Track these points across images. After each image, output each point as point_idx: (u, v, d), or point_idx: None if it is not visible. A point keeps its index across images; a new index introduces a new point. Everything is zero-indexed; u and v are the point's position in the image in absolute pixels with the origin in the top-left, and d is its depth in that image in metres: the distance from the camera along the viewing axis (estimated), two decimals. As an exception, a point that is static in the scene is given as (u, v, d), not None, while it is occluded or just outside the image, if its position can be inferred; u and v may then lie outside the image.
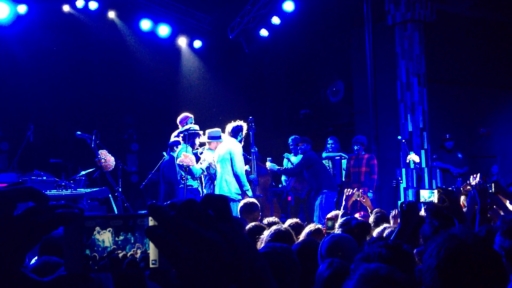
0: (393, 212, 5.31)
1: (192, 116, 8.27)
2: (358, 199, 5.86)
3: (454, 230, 1.85)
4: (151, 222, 0.84)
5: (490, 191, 4.17)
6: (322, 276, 2.65)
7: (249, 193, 7.61)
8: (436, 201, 3.41)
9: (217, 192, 7.48)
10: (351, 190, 5.87)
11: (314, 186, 8.79)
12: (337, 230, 4.09)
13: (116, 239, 0.87)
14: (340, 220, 4.31)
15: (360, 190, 5.88)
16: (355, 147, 9.09)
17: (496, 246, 2.77)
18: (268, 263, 2.42)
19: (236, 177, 7.54)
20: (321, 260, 3.12)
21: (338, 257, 2.92)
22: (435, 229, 3.34)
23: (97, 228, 0.88)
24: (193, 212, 0.81)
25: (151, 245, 0.85)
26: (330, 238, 3.19)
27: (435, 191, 3.46)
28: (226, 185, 7.52)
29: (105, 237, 0.87)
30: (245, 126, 7.97)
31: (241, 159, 7.66)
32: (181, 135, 7.99)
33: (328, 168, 9.51)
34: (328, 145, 9.90)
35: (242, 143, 7.95)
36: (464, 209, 3.89)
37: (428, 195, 3.55)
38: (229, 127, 7.90)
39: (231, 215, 0.85)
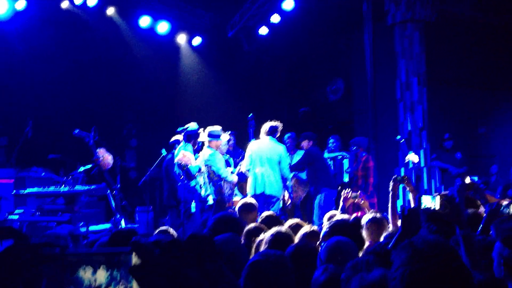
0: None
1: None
2: (356, 201, 5.87)
3: (416, 239, 1.83)
4: (135, 258, 0.83)
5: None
6: (318, 282, 2.65)
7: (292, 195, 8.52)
8: (437, 207, 3.40)
9: (267, 189, 7.86)
10: (348, 192, 5.87)
11: (313, 184, 8.83)
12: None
13: (101, 276, 0.86)
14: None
15: (358, 192, 5.89)
16: (353, 148, 9.09)
17: (494, 252, 2.77)
18: (262, 272, 2.41)
19: (284, 179, 8.19)
20: (320, 264, 3.13)
21: (338, 261, 2.92)
22: (432, 233, 3.34)
23: (80, 267, 0.87)
24: (178, 252, 0.81)
25: (135, 283, 0.84)
26: (328, 243, 3.18)
27: (437, 197, 3.45)
28: (276, 185, 8.07)
29: (89, 274, 0.86)
30: (280, 125, 8.14)
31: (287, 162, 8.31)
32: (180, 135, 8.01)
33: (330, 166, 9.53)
34: (330, 145, 9.89)
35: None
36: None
37: (430, 201, 3.54)
38: (266, 126, 8.22)
39: (216, 255, 0.85)
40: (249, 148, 8.30)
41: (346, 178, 9.56)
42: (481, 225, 3.85)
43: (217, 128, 8.23)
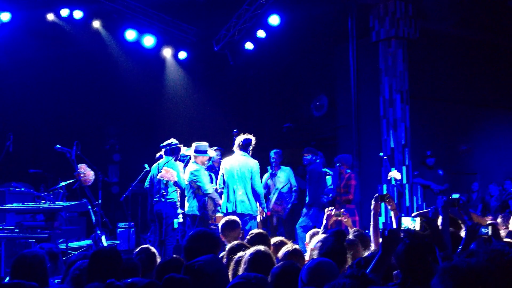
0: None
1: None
2: (339, 218, 5.86)
3: (460, 264, 1.82)
4: None
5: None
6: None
7: (265, 209, 8.02)
8: (418, 228, 3.42)
9: (238, 207, 7.53)
10: (332, 209, 5.87)
11: (311, 198, 8.88)
12: (315, 250, 4.08)
13: None
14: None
15: (341, 210, 5.89)
16: (337, 165, 9.09)
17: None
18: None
19: (257, 195, 7.69)
20: (301, 285, 3.12)
21: (318, 283, 2.91)
22: (406, 246, 3.33)
23: None
24: None
25: None
26: (310, 264, 3.17)
27: (417, 219, 3.48)
28: (248, 202, 7.62)
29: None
30: (253, 139, 7.96)
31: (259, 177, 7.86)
32: (165, 149, 7.98)
33: None
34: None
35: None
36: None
37: (410, 222, 3.57)
38: (239, 139, 7.90)
39: None
40: (222, 165, 7.98)
41: (330, 195, 9.56)
42: (462, 244, 3.87)
43: (203, 144, 8.21)
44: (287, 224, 9.51)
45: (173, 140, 8.07)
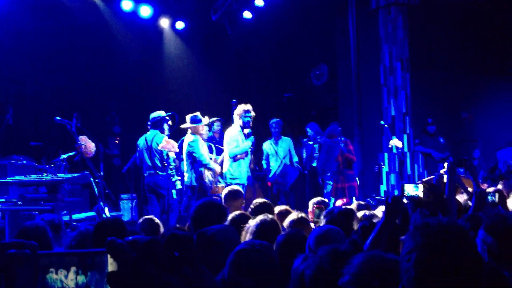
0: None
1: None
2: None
3: (431, 221, 1.83)
4: (110, 261, 0.81)
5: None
6: (297, 271, 2.65)
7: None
8: (421, 195, 3.42)
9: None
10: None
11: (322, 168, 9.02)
12: (322, 221, 4.09)
13: (74, 279, 0.83)
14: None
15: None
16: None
17: (478, 239, 2.79)
18: (247, 261, 2.40)
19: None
20: (308, 252, 3.13)
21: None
22: (426, 217, 3.34)
23: (52, 269, 0.84)
24: (157, 254, 0.78)
25: None
26: (318, 231, 3.18)
27: (420, 186, 3.47)
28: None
29: (62, 277, 0.83)
30: (251, 109, 8.20)
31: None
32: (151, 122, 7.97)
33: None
34: (309, 133, 9.89)
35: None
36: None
37: (413, 189, 3.56)
38: (238, 109, 8.12)
39: (196, 257, 0.82)
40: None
41: (314, 163, 9.61)
42: (471, 209, 3.88)
43: (196, 113, 8.23)
44: (291, 196, 9.54)
45: (160, 113, 8.05)
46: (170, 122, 8.02)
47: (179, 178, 8.09)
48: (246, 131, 8.13)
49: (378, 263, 1.87)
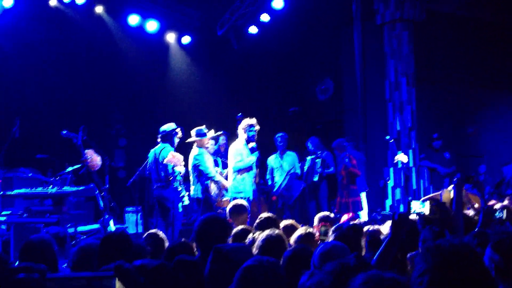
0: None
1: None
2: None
3: (443, 243, 1.83)
4: (118, 285, 0.81)
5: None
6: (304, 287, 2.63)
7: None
8: (427, 212, 3.41)
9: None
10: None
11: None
12: (330, 237, 4.08)
13: None
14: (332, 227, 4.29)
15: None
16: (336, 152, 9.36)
17: (486, 257, 2.77)
18: (254, 277, 2.39)
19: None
20: (314, 269, 3.10)
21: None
22: (435, 234, 3.33)
23: None
24: (164, 279, 0.78)
25: None
26: (323, 247, 3.16)
27: (427, 203, 3.46)
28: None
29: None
30: (256, 123, 8.24)
31: None
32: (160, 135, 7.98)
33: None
34: (310, 147, 9.93)
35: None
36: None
37: (420, 206, 3.55)
38: (243, 124, 8.14)
39: (203, 282, 0.82)
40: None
41: (315, 178, 9.60)
42: (478, 227, 3.85)
43: (201, 127, 8.26)
44: (295, 210, 9.50)
45: (171, 125, 8.04)
46: (179, 135, 8.03)
47: (187, 193, 8.08)
48: (251, 145, 8.14)
49: (377, 283, 1.86)
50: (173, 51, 12.62)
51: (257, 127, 8.17)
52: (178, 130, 8.02)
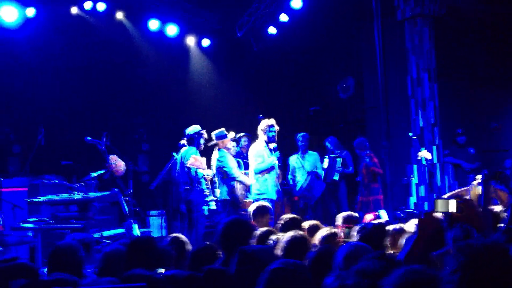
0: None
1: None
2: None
3: (475, 242, 1.84)
4: None
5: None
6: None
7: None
8: (454, 210, 3.35)
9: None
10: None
11: None
12: (354, 237, 4.06)
13: None
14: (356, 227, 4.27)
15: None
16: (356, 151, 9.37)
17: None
18: (281, 280, 2.41)
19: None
20: (338, 270, 3.10)
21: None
22: (467, 233, 3.30)
23: None
24: None
25: None
26: (346, 248, 3.15)
27: (453, 200, 3.40)
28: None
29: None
30: (275, 124, 8.20)
31: None
32: (185, 138, 8.02)
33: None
34: (328, 146, 9.91)
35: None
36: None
37: (446, 204, 3.48)
38: (262, 125, 8.16)
39: None
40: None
41: (336, 177, 9.56)
42: (507, 221, 3.80)
43: (220, 129, 8.32)
44: (317, 210, 9.48)
45: (196, 127, 8.08)
46: (205, 136, 8.08)
47: (215, 198, 8.11)
48: (272, 145, 8.12)
49: (418, 276, 1.89)
50: (193, 54, 12.69)
51: (277, 128, 8.15)
52: (203, 131, 8.06)
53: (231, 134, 8.54)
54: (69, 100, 11.09)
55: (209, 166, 8.30)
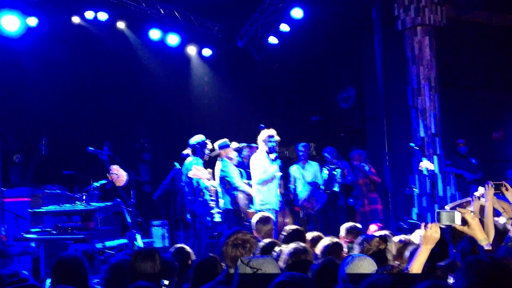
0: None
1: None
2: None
3: (483, 258, 1.82)
4: None
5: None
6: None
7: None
8: (459, 222, 3.36)
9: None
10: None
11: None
12: (355, 249, 4.06)
13: None
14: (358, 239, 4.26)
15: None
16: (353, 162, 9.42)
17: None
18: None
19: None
20: (342, 283, 3.10)
21: (358, 281, 2.89)
22: (474, 245, 3.30)
23: None
24: None
25: None
26: (349, 261, 3.15)
27: (457, 213, 3.40)
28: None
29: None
30: (275, 134, 8.13)
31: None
32: (189, 149, 8.02)
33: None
34: (327, 156, 9.89)
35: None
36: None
37: (450, 217, 3.48)
38: (263, 135, 8.13)
39: None
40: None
41: (336, 188, 9.54)
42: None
43: (223, 140, 8.35)
44: (319, 221, 9.46)
45: (200, 137, 8.09)
46: (209, 146, 8.08)
47: (220, 210, 8.11)
48: (272, 156, 8.07)
49: None
50: (194, 64, 12.73)
51: (277, 138, 8.12)
52: (208, 141, 8.07)
53: (234, 144, 8.56)
54: (71, 109, 11.10)
55: (214, 177, 8.30)
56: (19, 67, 10.37)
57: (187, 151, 8.12)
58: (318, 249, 4.41)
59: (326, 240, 4.47)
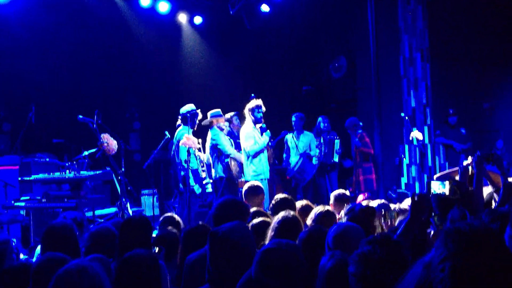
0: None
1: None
2: None
3: (463, 227, 1.80)
4: None
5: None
6: (324, 269, 2.64)
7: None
8: (447, 192, 3.38)
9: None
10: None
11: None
12: (343, 218, 4.08)
13: None
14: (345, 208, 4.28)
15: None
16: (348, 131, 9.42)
17: (506, 235, 2.75)
18: (274, 261, 2.40)
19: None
20: (328, 250, 3.11)
21: (345, 248, 2.91)
22: (464, 215, 3.31)
23: None
24: None
25: None
26: (336, 229, 3.16)
27: (447, 183, 3.42)
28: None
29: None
30: (262, 104, 8.03)
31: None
32: (180, 117, 7.99)
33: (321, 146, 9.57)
34: (321, 125, 9.79)
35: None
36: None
37: (439, 187, 3.52)
38: (250, 105, 8.05)
39: None
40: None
41: (336, 158, 9.56)
42: (498, 202, 3.82)
43: (217, 110, 8.32)
44: (308, 191, 9.50)
45: (190, 106, 8.05)
46: (200, 115, 8.05)
47: (211, 181, 8.10)
48: (258, 126, 8.03)
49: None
50: (185, 32, 12.57)
51: (263, 108, 8.06)
52: (198, 111, 8.03)
53: (227, 115, 8.55)
54: (60, 77, 10.98)
55: (204, 148, 8.30)
56: (8, 34, 10.20)
57: (179, 121, 8.09)
58: (309, 217, 4.43)
59: (318, 208, 4.48)
